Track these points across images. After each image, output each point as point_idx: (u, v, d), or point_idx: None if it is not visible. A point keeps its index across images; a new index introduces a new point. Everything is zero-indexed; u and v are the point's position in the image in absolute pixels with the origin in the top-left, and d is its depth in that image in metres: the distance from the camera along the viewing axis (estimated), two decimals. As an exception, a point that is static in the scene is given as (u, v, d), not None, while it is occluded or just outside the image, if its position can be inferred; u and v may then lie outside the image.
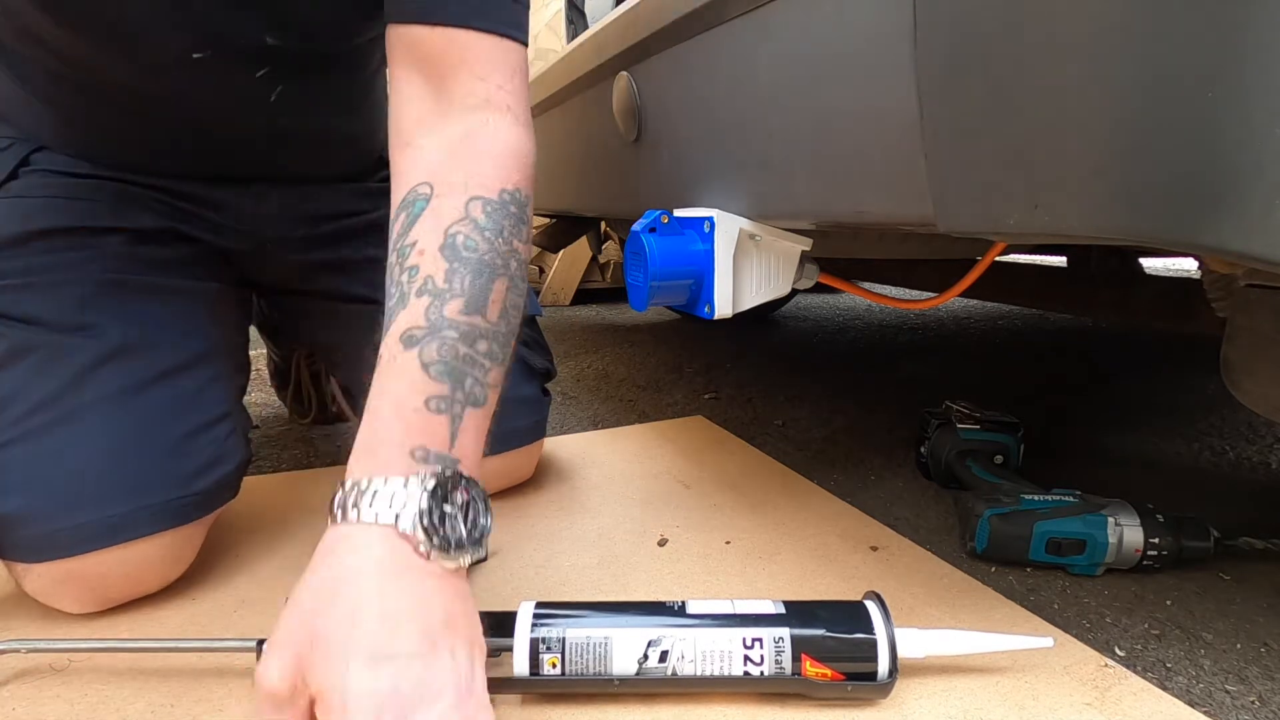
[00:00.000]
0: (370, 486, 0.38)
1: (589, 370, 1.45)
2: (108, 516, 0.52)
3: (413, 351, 0.41)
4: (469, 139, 0.47)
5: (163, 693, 0.47)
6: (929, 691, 0.47)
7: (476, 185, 0.46)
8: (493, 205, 0.46)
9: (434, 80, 0.49)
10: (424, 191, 0.46)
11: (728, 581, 0.61)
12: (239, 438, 0.62)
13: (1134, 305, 0.94)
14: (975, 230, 0.38)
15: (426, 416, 0.40)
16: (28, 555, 0.52)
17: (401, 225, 0.46)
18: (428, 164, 0.47)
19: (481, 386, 0.43)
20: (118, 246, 0.61)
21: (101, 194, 0.62)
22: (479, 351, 0.43)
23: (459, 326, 0.42)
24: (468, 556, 0.39)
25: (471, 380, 0.42)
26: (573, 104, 0.94)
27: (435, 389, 0.40)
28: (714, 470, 0.86)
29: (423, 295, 0.42)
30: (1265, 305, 0.42)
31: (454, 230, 0.44)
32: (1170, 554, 0.62)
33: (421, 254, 0.44)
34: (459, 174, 0.46)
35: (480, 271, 0.44)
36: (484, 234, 0.45)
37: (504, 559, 0.65)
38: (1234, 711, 0.48)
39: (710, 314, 0.59)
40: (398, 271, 0.44)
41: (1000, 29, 0.34)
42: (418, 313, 0.42)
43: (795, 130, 0.50)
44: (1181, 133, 0.28)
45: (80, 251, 0.59)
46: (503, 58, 0.49)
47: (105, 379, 0.56)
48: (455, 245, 0.43)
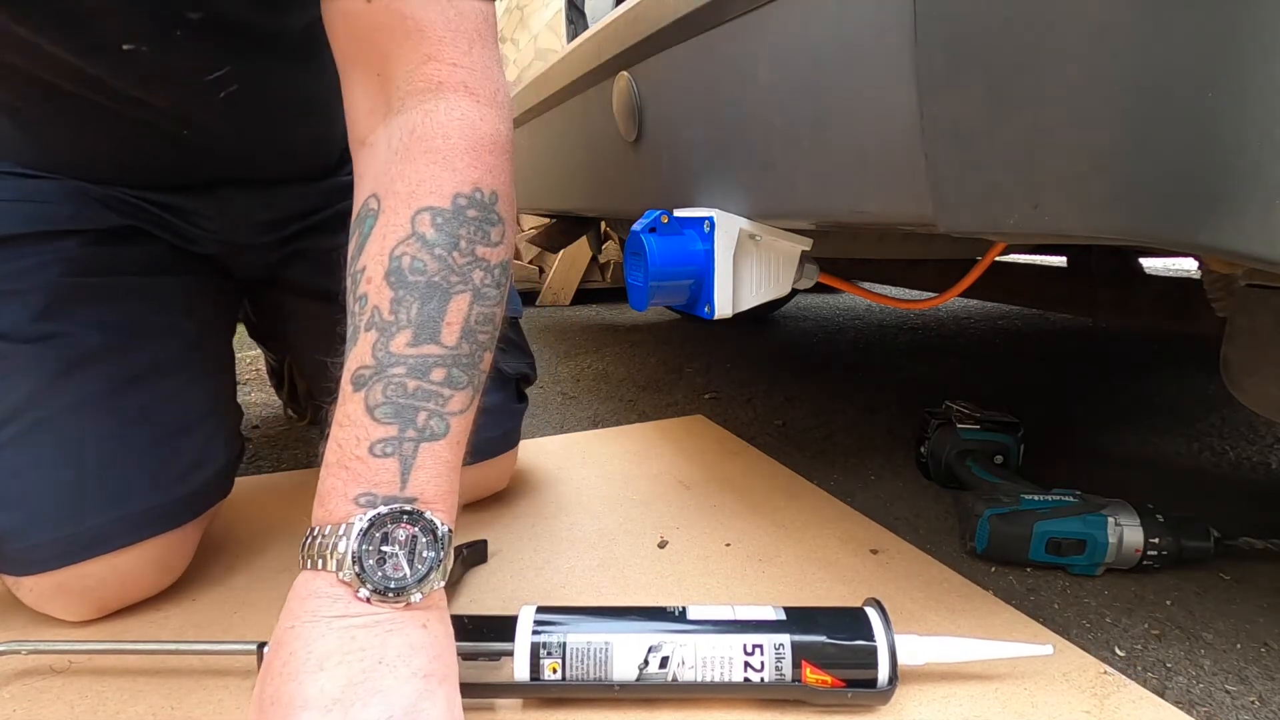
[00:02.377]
0: (317, 535, 0.38)
1: (589, 370, 1.45)
2: (87, 528, 0.51)
3: (360, 395, 0.39)
4: (414, 137, 0.41)
5: (163, 694, 0.47)
6: (929, 698, 0.47)
7: (425, 193, 0.41)
8: (444, 215, 0.41)
9: (378, 63, 0.43)
10: (372, 206, 0.42)
11: (727, 584, 0.61)
12: (223, 437, 0.61)
13: (1134, 305, 0.94)
14: (975, 230, 0.38)
15: (372, 463, 0.38)
16: (14, 568, 0.52)
17: (354, 247, 0.42)
18: (375, 172, 0.43)
19: (440, 418, 0.40)
20: (78, 249, 0.58)
21: (58, 196, 0.59)
22: (434, 382, 0.40)
23: (407, 361, 0.39)
24: (415, 593, 0.37)
25: (426, 414, 0.39)
26: (573, 104, 0.94)
27: (381, 432, 0.38)
28: (714, 470, 0.86)
29: (370, 329, 0.40)
30: (1265, 305, 0.42)
31: (399, 252, 0.40)
32: (1170, 554, 0.62)
33: (369, 282, 0.40)
34: (403, 182, 0.41)
35: (430, 295, 0.40)
36: (433, 251, 0.40)
37: (504, 560, 0.65)
38: (1234, 711, 0.48)
39: (710, 314, 0.59)
40: (350, 300, 0.42)
41: (1000, 29, 0.34)
42: (365, 350, 0.39)
43: (795, 130, 0.50)
44: (1181, 133, 0.28)
45: (36, 257, 0.57)
46: (457, 23, 0.42)
47: (73, 386, 0.54)
48: (401, 270, 0.40)
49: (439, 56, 0.42)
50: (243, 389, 1.27)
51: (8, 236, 0.57)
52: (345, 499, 0.38)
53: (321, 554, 0.37)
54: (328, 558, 0.37)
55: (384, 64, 0.43)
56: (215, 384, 0.65)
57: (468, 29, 0.43)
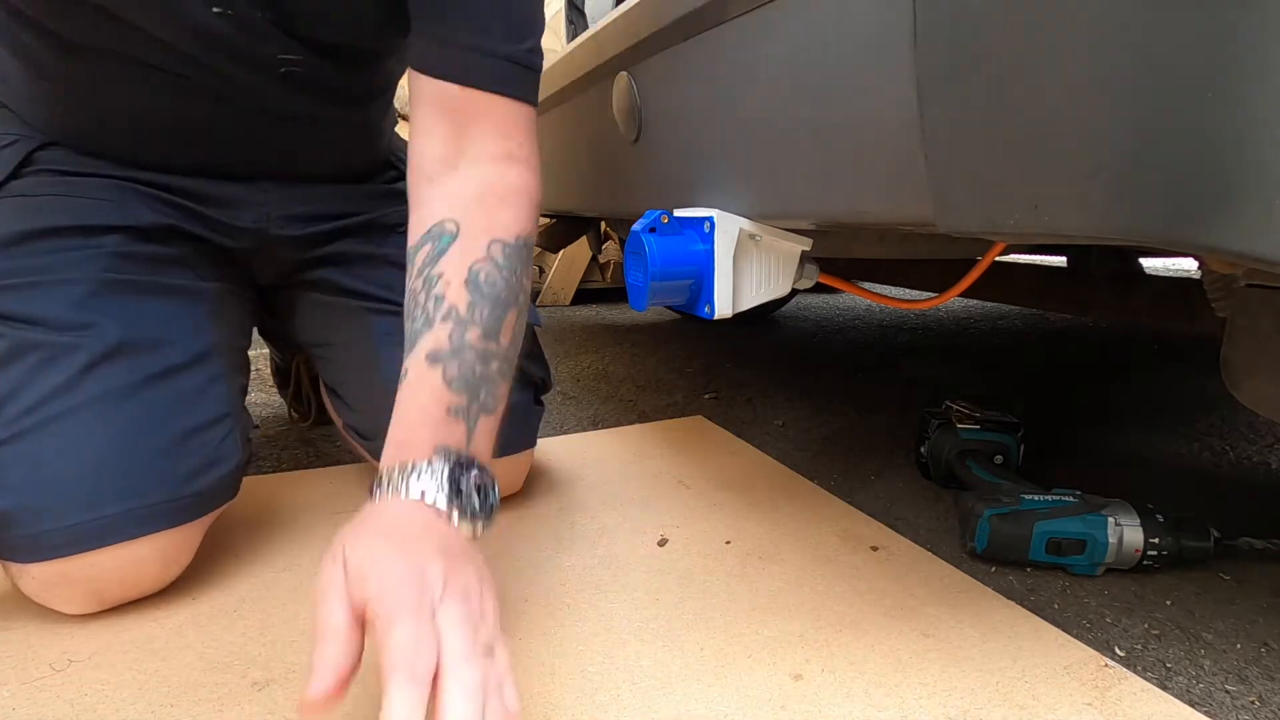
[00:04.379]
0: (403, 471, 0.44)
1: (589, 370, 1.45)
2: (100, 517, 0.52)
3: (438, 368, 0.48)
4: (493, 187, 0.54)
5: (163, 693, 0.47)
6: (929, 691, 0.47)
7: (499, 229, 0.53)
8: (510, 248, 0.53)
9: (458, 126, 0.54)
10: (450, 229, 0.52)
11: (728, 581, 0.61)
12: (237, 438, 0.62)
13: (1134, 305, 0.94)
14: (975, 230, 0.38)
15: (449, 421, 0.47)
16: (21, 555, 0.52)
17: (427, 255, 0.52)
18: (454, 203, 0.53)
19: (493, 398, 0.50)
20: (118, 245, 0.61)
21: (103, 192, 0.62)
22: (492, 370, 0.50)
23: (477, 349, 0.49)
24: (481, 525, 0.46)
25: (485, 392, 0.49)
26: (573, 104, 0.94)
27: (455, 400, 0.48)
28: (714, 470, 0.86)
29: (447, 321, 0.49)
30: (1265, 305, 0.42)
31: (477, 268, 0.51)
32: (1170, 554, 0.62)
33: (448, 285, 0.50)
34: (483, 218, 0.53)
35: (497, 304, 0.51)
36: (502, 272, 0.52)
37: (504, 559, 0.65)
38: (1234, 711, 0.48)
39: (710, 314, 0.59)
40: (423, 297, 0.51)
41: (1000, 29, 0.34)
42: (442, 336, 0.49)
43: (795, 130, 0.50)
44: (1181, 132, 0.28)
45: (81, 250, 0.59)
46: (525, 120, 0.57)
47: (102, 378, 0.55)
48: (478, 281, 0.50)
49: (512, 136, 0.56)
50: (243, 388, 1.27)
51: (58, 228, 0.59)
52: (427, 446, 0.46)
53: (406, 483, 0.44)
54: (411, 486, 0.44)
55: (464, 129, 0.54)
56: (233, 386, 0.66)
57: (528, 123, 0.57)
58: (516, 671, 0.49)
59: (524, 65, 0.55)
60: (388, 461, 0.46)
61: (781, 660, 0.50)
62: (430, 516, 0.43)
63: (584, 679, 0.49)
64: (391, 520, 0.42)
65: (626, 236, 0.60)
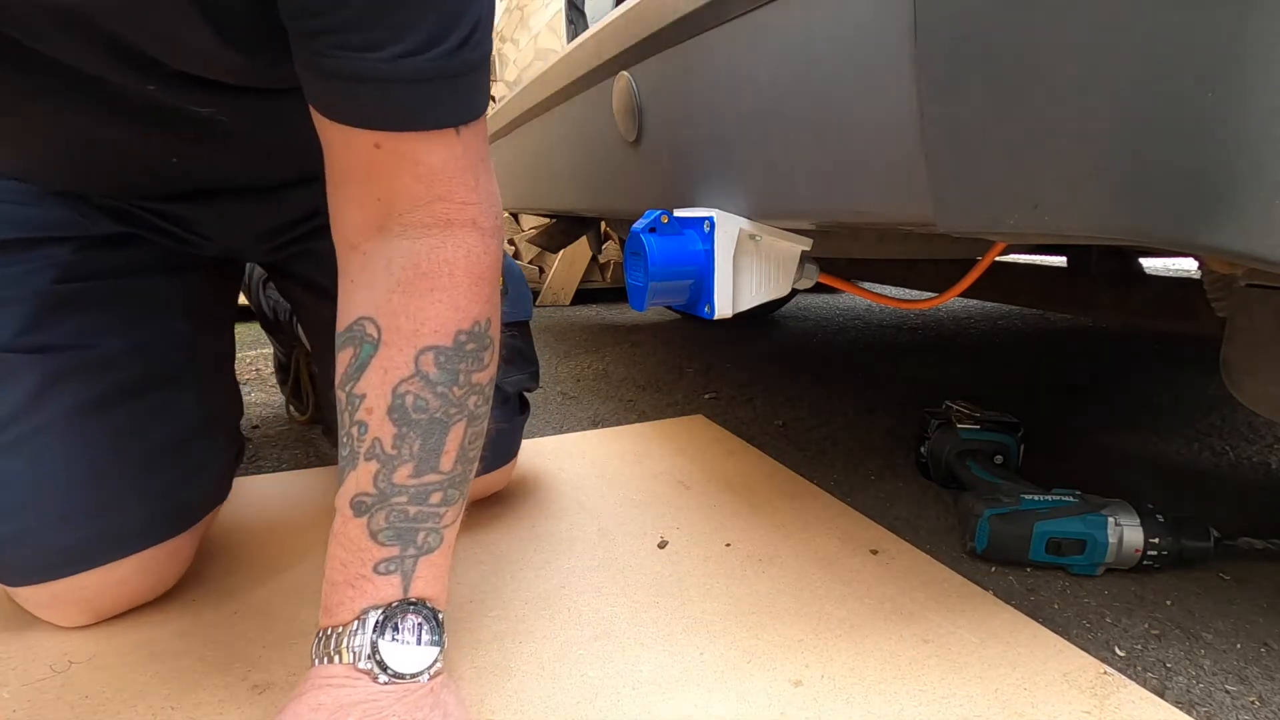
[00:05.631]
0: (331, 637, 0.41)
1: (589, 370, 1.45)
2: (75, 542, 0.51)
3: (362, 521, 0.42)
4: (418, 272, 0.42)
5: (163, 694, 0.47)
6: (929, 698, 0.47)
7: (429, 333, 0.42)
8: (446, 354, 0.43)
9: (372, 183, 0.42)
10: (371, 333, 0.43)
11: (727, 584, 0.61)
12: (219, 444, 0.60)
13: (1134, 305, 0.94)
14: (975, 230, 0.38)
15: (376, 580, 0.42)
16: (5, 579, 0.52)
17: (349, 363, 0.43)
18: (375, 294, 0.43)
19: (436, 534, 0.44)
20: (69, 255, 0.57)
21: (50, 202, 0.57)
22: (432, 504, 0.43)
23: (408, 490, 0.42)
24: (424, 674, 0.41)
25: (424, 533, 0.43)
26: (573, 104, 0.94)
27: (384, 554, 0.42)
28: (714, 470, 0.86)
29: (370, 460, 0.42)
30: (1265, 305, 0.42)
31: (403, 390, 0.42)
32: (1170, 554, 0.62)
33: (369, 412, 0.42)
34: (408, 320, 0.42)
35: (431, 431, 0.43)
36: (435, 390, 0.42)
37: (504, 561, 0.65)
38: (1234, 711, 0.48)
39: (710, 314, 0.59)
40: (347, 419, 0.44)
41: (1000, 29, 0.34)
42: (366, 479, 0.42)
43: (795, 130, 0.50)
44: (1181, 133, 0.28)
45: (27, 264, 0.55)
46: (464, 160, 0.42)
47: (64, 396, 0.53)
48: (404, 407, 0.42)
49: (449, 197, 0.42)
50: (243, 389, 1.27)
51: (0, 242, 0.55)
52: (352, 612, 0.41)
53: (337, 649, 0.40)
54: (343, 652, 0.40)
55: (386, 193, 0.42)
56: (211, 386, 0.64)
57: (473, 160, 0.43)
58: (516, 675, 0.49)
59: (449, 74, 0.40)
60: (320, 624, 0.43)
61: (781, 666, 0.50)
62: (361, 683, 0.40)
63: (584, 683, 0.49)
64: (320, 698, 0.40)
65: (626, 236, 0.60)
